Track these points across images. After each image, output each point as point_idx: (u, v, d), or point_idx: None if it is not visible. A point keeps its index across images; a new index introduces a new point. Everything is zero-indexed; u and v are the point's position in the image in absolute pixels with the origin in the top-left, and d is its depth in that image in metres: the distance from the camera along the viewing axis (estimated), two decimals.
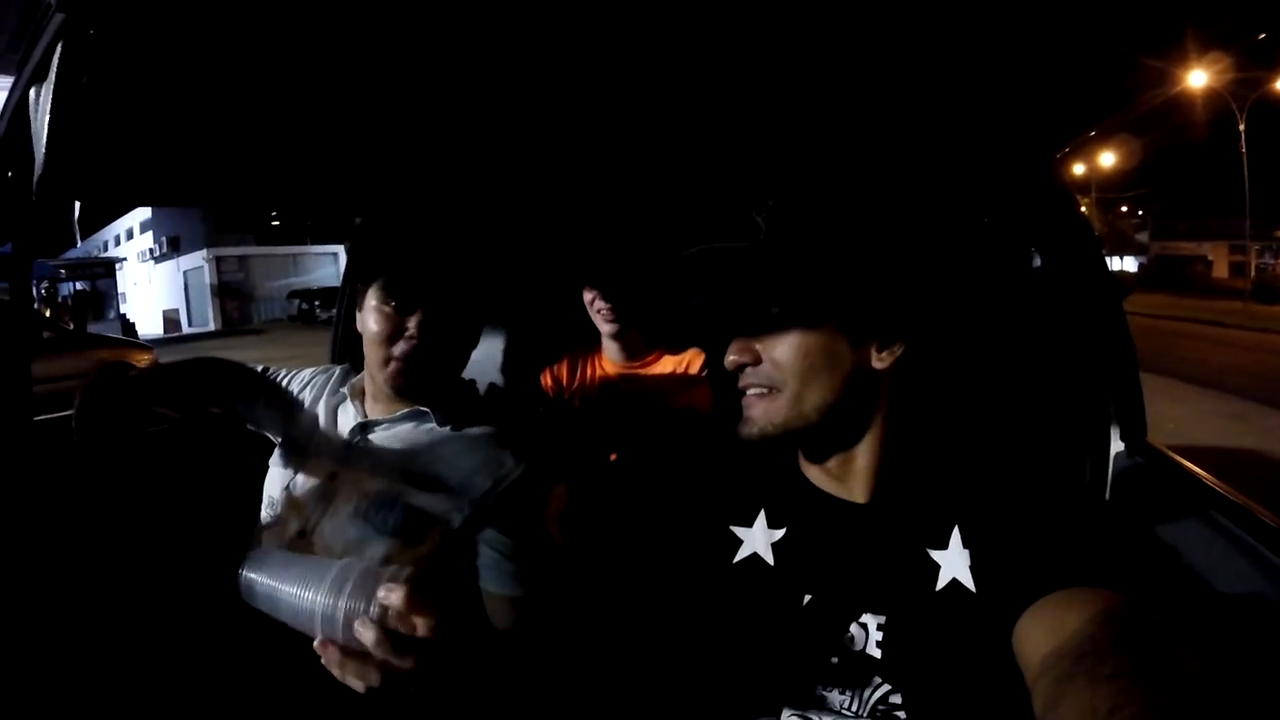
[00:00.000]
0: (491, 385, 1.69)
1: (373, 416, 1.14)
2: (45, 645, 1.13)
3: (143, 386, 1.12)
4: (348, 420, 1.17)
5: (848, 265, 0.77)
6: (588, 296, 1.73)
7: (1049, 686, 0.58)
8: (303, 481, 1.13)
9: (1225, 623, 1.01)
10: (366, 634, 0.61)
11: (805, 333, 0.77)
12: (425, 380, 1.09)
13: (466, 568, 1.04)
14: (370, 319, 1.08)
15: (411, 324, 1.06)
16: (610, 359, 1.80)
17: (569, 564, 1.06)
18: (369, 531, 1.03)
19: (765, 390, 0.79)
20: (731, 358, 0.80)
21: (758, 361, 0.79)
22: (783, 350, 0.77)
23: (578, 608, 0.96)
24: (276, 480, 1.17)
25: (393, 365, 1.07)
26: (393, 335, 1.06)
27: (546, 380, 1.86)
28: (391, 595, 0.61)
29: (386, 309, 1.07)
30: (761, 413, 0.79)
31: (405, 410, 1.12)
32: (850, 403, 0.78)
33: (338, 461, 1.12)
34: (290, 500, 1.12)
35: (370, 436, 1.13)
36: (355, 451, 1.12)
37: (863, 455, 0.81)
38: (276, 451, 1.21)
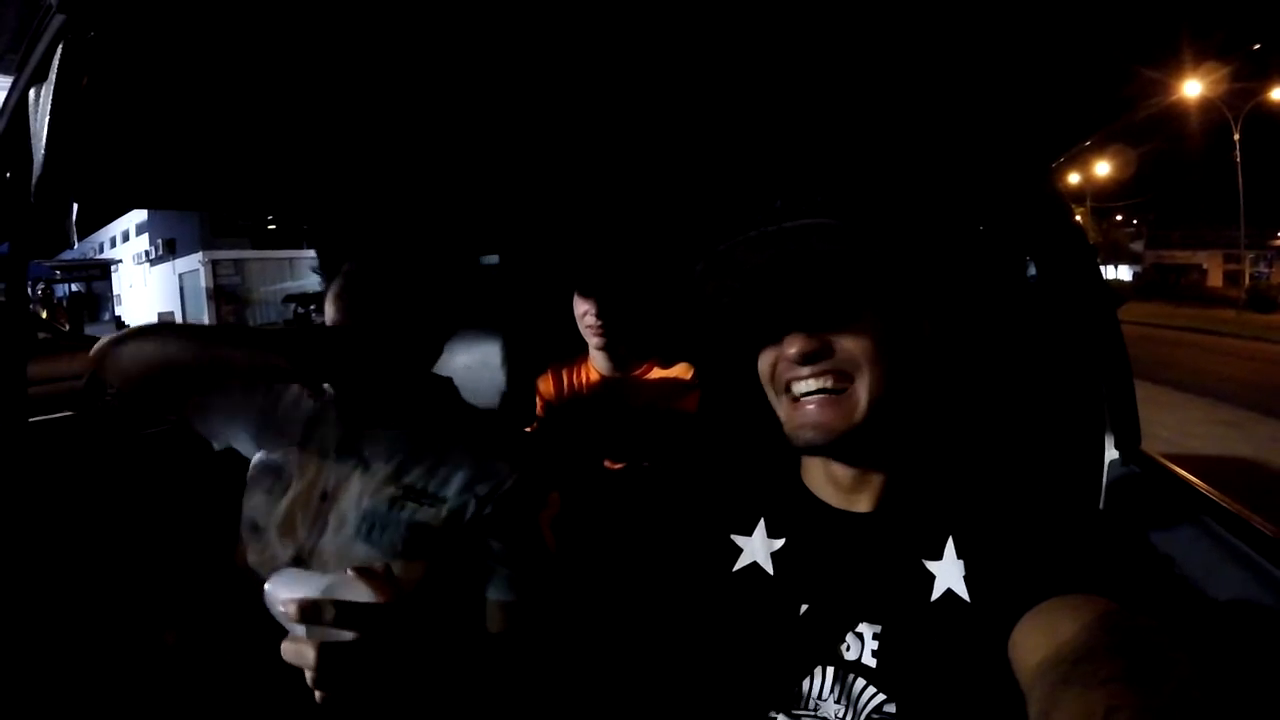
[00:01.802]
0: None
1: (358, 432, 1.11)
2: (40, 649, 1.12)
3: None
4: (329, 433, 1.13)
5: (910, 253, 0.77)
6: (579, 309, 1.73)
7: (1044, 692, 0.58)
8: (290, 503, 1.09)
9: (1220, 629, 1.01)
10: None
11: (882, 328, 0.75)
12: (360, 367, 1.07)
13: (464, 575, 1.04)
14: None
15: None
16: (597, 367, 1.80)
17: (566, 570, 1.06)
18: (374, 553, 1.02)
19: (834, 387, 0.75)
20: (796, 349, 0.75)
21: (828, 349, 0.75)
22: (856, 338, 0.74)
23: (574, 614, 0.96)
24: (259, 503, 1.12)
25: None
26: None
27: (540, 391, 1.86)
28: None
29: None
30: (834, 415, 0.75)
31: (394, 422, 1.10)
32: (904, 402, 0.77)
33: (328, 480, 1.09)
34: (279, 523, 1.08)
35: (361, 451, 1.10)
36: (346, 468, 1.09)
37: (880, 464, 0.80)
38: (253, 470, 1.16)
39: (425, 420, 1.11)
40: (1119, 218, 37.65)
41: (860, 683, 0.73)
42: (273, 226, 27.72)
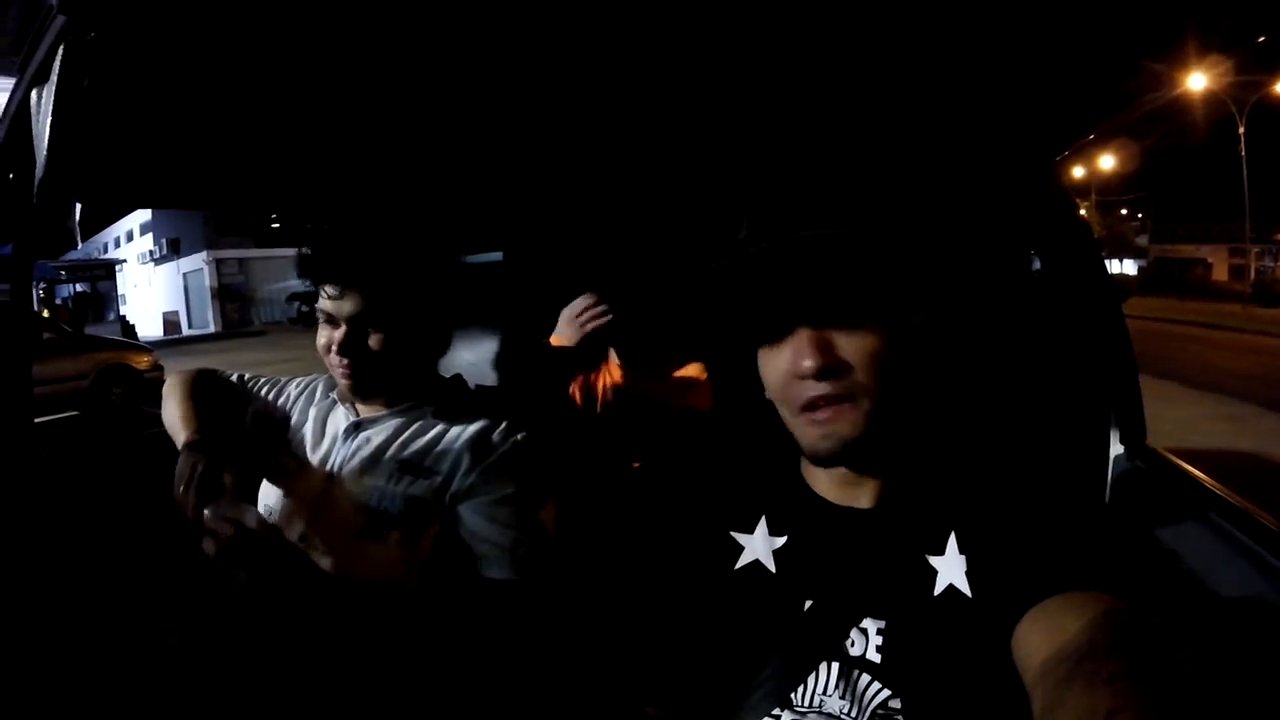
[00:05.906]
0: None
1: (365, 416, 1.17)
2: (43, 651, 1.12)
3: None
4: (339, 422, 1.18)
5: (916, 262, 0.77)
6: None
7: (1048, 690, 0.58)
8: (300, 487, 1.14)
9: (1225, 625, 1.01)
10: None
11: (887, 332, 0.74)
12: (376, 383, 1.12)
13: (464, 551, 1.07)
14: (318, 331, 1.12)
15: (338, 335, 1.08)
16: (619, 369, 1.80)
17: (572, 566, 1.06)
18: (373, 526, 1.07)
19: (843, 397, 0.74)
20: (810, 363, 0.73)
21: (841, 365, 0.73)
22: (869, 353, 0.73)
23: (579, 610, 0.96)
24: (273, 489, 1.17)
25: (338, 373, 1.10)
26: (328, 346, 1.09)
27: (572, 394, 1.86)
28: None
29: (322, 320, 1.10)
30: (846, 424, 0.74)
31: (398, 407, 1.16)
32: (910, 403, 0.77)
33: (333, 462, 1.14)
34: (289, 506, 1.13)
35: (363, 434, 1.15)
36: (350, 450, 1.14)
37: (882, 461, 0.80)
38: (271, 461, 1.21)
39: (431, 405, 1.16)
40: (1123, 211, 37.56)
41: (865, 678, 0.73)
42: (276, 225, 27.75)
